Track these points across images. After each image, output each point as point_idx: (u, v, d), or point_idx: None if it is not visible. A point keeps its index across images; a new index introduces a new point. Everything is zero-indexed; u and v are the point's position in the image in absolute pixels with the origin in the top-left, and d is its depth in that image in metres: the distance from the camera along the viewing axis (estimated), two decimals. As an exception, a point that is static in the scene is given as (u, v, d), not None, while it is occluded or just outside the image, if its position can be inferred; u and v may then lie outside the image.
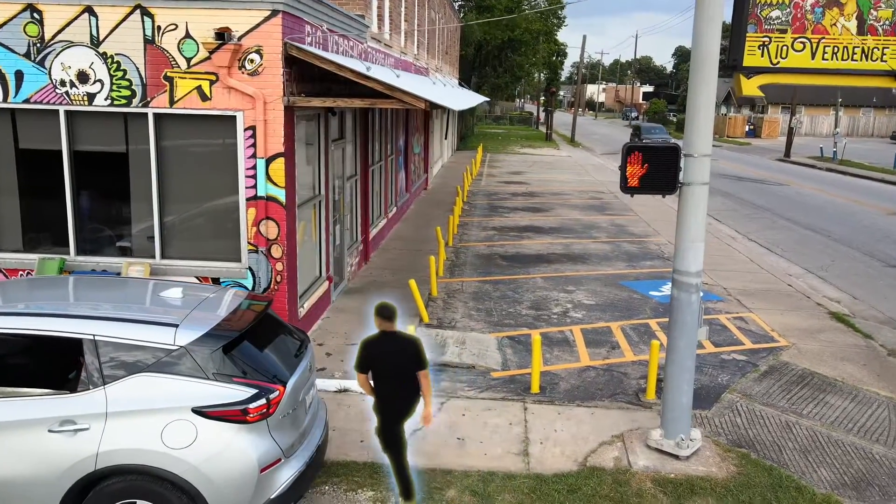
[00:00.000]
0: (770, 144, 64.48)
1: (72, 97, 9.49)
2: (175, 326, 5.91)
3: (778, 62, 8.94)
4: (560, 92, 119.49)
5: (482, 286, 14.92)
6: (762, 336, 12.28)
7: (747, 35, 8.89)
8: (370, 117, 15.67)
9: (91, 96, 9.48)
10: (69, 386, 6.02)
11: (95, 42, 9.37)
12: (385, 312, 6.79)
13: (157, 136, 9.63)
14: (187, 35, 9.26)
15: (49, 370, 6.42)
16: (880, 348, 11.88)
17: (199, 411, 5.65)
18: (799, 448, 8.47)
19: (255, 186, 9.59)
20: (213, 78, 9.33)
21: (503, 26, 52.24)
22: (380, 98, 9.53)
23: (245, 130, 9.48)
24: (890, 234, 22.22)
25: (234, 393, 5.75)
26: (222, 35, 9.10)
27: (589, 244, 19.52)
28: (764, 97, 78.58)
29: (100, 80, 9.43)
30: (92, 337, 5.76)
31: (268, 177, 9.56)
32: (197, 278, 9.73)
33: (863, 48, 9.01)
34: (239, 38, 9.20)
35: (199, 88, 9.38)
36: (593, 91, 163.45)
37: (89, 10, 9.30)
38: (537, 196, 28.56)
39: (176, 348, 5.77)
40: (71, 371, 6.15)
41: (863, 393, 10.05)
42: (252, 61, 9.29)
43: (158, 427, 5.59)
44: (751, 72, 8.99)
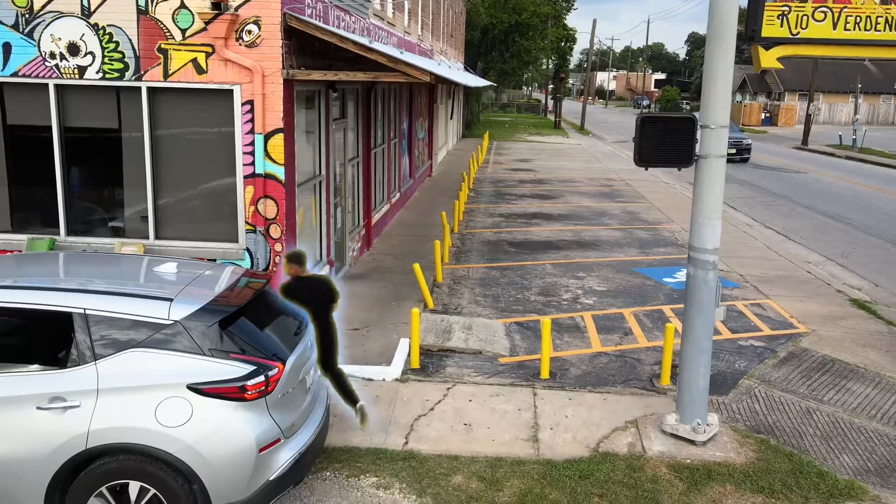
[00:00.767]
0: (787, 132, 64.23)
1: (62, 70, 9.43)
2: (169, 300, 5.85)
3: (798, 32, 8.82)
4: (569, 80, 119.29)
5: (489, 272, 14.84)
6: (781, 322, 12.19)
7: (766, 4, 8.78)
8: (372, 98, 15.57)
9: (82, 69, 9.41)
10: (59, 362, 5.95)
11: (86, 12, 9.30)
12: (296, 258, 7.71)
13: (151, 111, 9.56)
14: (182, 5, 9.18)
15: (37, 345, 6.36)
16: (904, 335, 11.79)
17: (195, 388, 5.58)
18: (820, 434, 8.39)
19: (253, 164, 9.52)
20: (210, 50, 9.26)
21: (510, 9, 52.08)
22: (383, 71, 9.44)
23: (242, 105, 9.40)
24: (913, 222, 22.09)
25: (232, 369, 5.68)
26: (219, 5, 9.02)
27: (600, 231, 19.42)
28: (779, 83, 78.31)
29: (91, 53, 9.36)
30: (83, 311, 5.70)
31: (266, 153, 9.49)
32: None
33: (886, 18, 8.89)
34: (236, 8, 9.12)
35: (195, 61, 9.30)
36: (603, 79, 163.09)
37: (80, -20, 9.24)
38: (546, 183, 28.47)
39: (170, 323, 5.70)
40: (61, 346, 6.08)
41: (885, 380, 9.96)
42: (250, 32, 9.21)
43: (152, 404, 5.52)
44: (770, 43, 8.87)
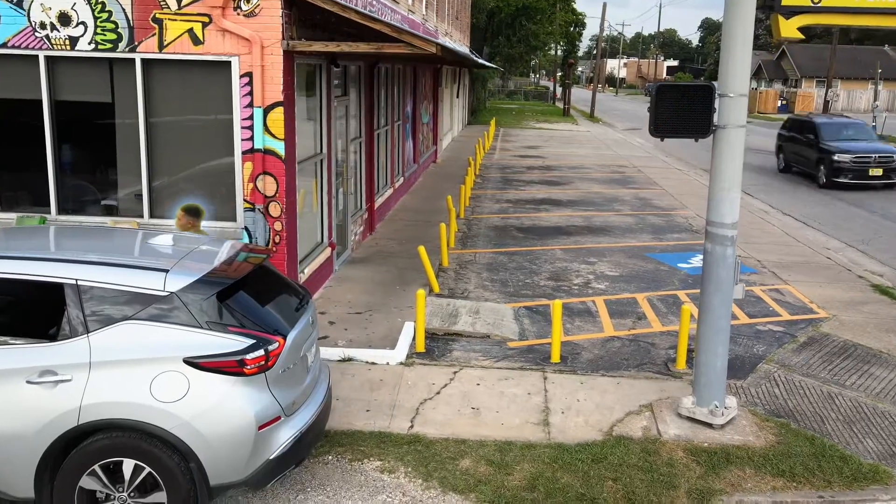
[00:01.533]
0: (804, 120, 63.81)
1: (53, 41, 9.35)
2: (165, 272, 5.78)
3: (820, 0, 8.68)
4: (578, 67, 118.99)
5: (496, 257, 14.77)
6: (800, 307, 12.10)
7: (787, -30, 8.64)
8: (376, 77, 15.49)
9: (73, 40, 9.33)
10: (49, 334, 5.90)
11: (78, -19, 9.22)
12: (193, 211, 7.96)
13: (146, 84, 9.48)
14: (178, -28, 9.10)
15: (27, 317, 6.30)
16: (929, 320, 11.69)
17: (192, 362, 5.51)
18: (842, 419, 8.30)
19: (252, 139, 9.44)
20: (206, 20, 9.17)
21: (517, -9, 51.93)
22: (387, 42, 9.35)
23: (241, 77, 9.32)
24: (936, 208, 21.94)
25: (230, 343, 5.61)
26: (216, -28, 8.93)
27: (611, 217, 19.33)
28: (796, 69, 78.00)
29: (83, 23, 9.28)
30: (74, 281, 5.63)
31: (265, 128, 9.41)
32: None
33: (915, -16, 8.74)
34: (234, -24, 9.03)
35: (191, 31, 9.22)
36: (613, 66, 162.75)
37: (71, -53, 9.16)
38: (554, 170, 28.37)
39: (166, 294, 5.63)
40: (52, 318, 6.03)
41: (911, 364, 9.86)
42: (248, 1, 9.14)
43: (147, 378, 5.45)
44: (790, 11, 8.72)
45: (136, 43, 9.31)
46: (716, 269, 7.67)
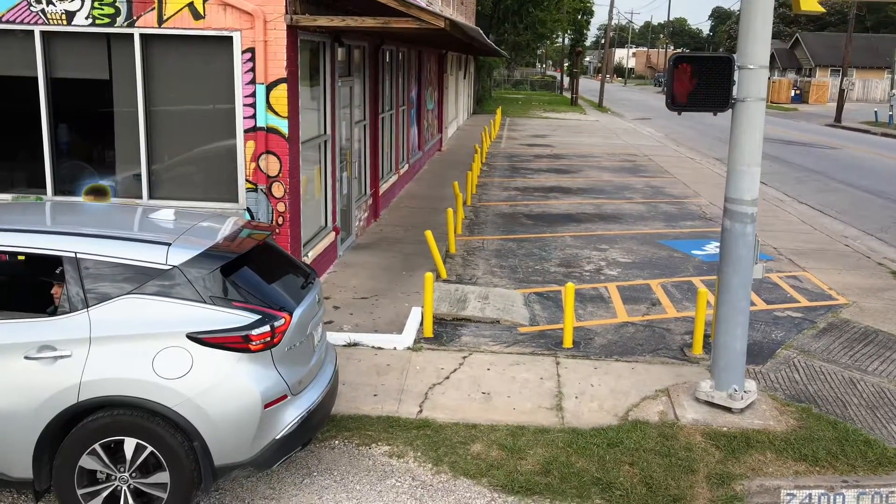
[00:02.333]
0: (818, 110, 63.82)
1: (48, 16, 9.28)
2: (167, 245, 5.72)
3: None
4: (586, 57, 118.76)
5: (505, 244, 14.70)
6: (818, 294, 12.02)
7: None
8: (380, 59, 15.42)
9: (70, 15, 9.26)
10: (48, 309, 5.84)
11: (75, -47, 9.15)
12: (98, 191, 8.13)
13: (145, 60, 9.42)
14: (177, -56, 9.02)
15: (25, 291, 6.25)
16: (952, 307, 11.60)
17: (195, 338, 5.44)
18: (865, 404, 8.23)
19: (255, 116, 9.37)
20: (207, -7, 9.10)
21: (523, -23, 51.76)
22: (394, 17, 9.27)
23: (243, 53, 9.26)
24: (957, 196, 21.84)
25: (235, 318, 5.54)
26: (217, -57, 8.86)
27: (622, 204, 19.26)
28: (810, 58, 77.72)
29: (80, -3, 9.21)
30: (73, 254, 5.56)
31: (268, 105, 9.34)
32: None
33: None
34: (235, -52, 8.96)
35: (192, 5, 9.15)
36: (622, 56, 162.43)
37: (68, -82, 9.08)
38: (563, 158, 28.29)
39: (168, 268, 5.57)
40: (50, 292, 5.97)
41: (935, 350, 9.78)
42: (250, -26, 9.04)
43: (149, 354, 5.39)
44: (812, -16, 8.64)
45: (135, 17, 9.24)
46: (735, 248, 7.59)
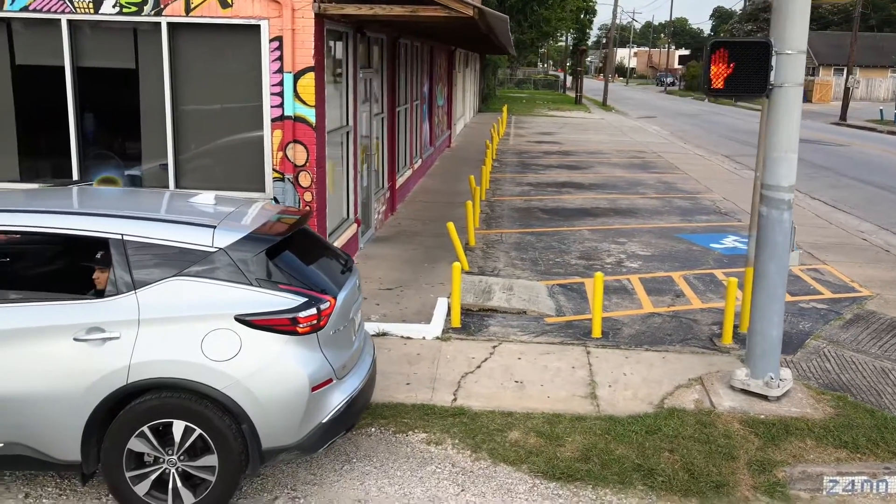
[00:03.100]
0: (822, 109, 63.81)
1: (75, 5, 9.26)
2: (212, 227, 5.70)
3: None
4: (588, 56, 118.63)
5: (523, 237, 14.70)
6: (842, 286, 12.01)
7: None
8: (397, 51, 15.40)
9: (97, 3, 9.24)
10: (95, 291, 5.82)
11: (102, -58, 9.14)
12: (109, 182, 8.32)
13: (172, 50, 9.39)
14: (206, -68, 9.00)
15: (72, 273, 6.24)
16: (977, 298, 11.59)
17: (243, 320, 5.42)
18: (900, 393, 8.21)
19: (282, 105, 9.35)
20: (235, -19, 9.08)
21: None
22: (422, 5, 9.25)
23: (270, 42, 9.23)
24: (971, 191, 21.84)
25: (282, 300, 5.52)
26: (245, -69, 8.84)
27: (636, 199, 19.25)
28: (813, 57, 77.73)
29: (107, -15, 9.19)
30: (120, 237, 5.55)
31: (296, 94, 9.32)
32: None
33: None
34: (264, -64, 8.94)
35: (219, -7, 9.13)
36: (623, 56, 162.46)
37: None
38: (572, 154, 28.28)
39: (214, 250, 5.55)
40: (97, 274, 5.95)
41: (964, 340, 9.77)
42: (279, -38, 9.02)
43: (198, 336, 5.37)
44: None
45: (162, 6, 9.22)
46: (772, 235, 7.58)
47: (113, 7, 9.27)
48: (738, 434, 7.17)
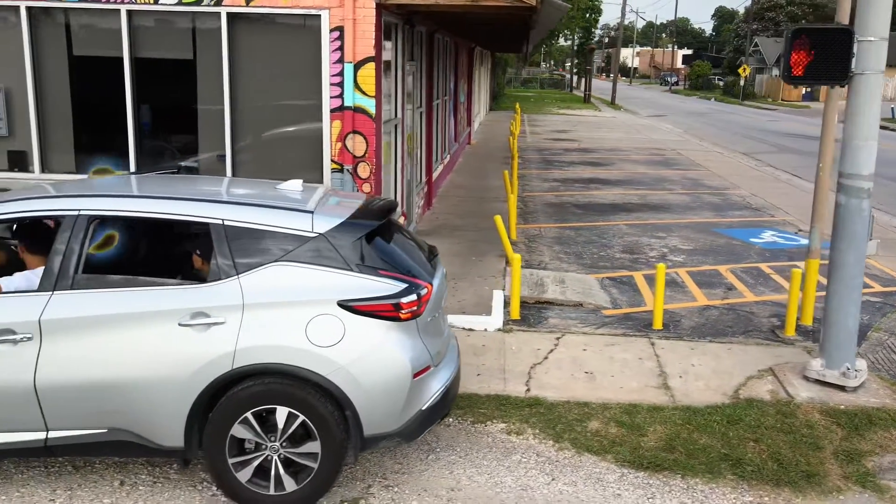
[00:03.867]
0: (831, 107, 63.58)
1: (135, -6, 9.21)
2: (310, 213, 5.64)
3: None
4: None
5: (562, 232, 14.65)
6: (890, 280, 11.97)
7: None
8: (434, 45, 15.36)
9: (157, -7, 9.18)
10: (198, 276, 5.77)
11: (162, -69, 9.08)
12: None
13: (231, 40, 9.34)
14: (266, -79, 8.95)
15: (173, 258, 6.18)
16: None
17: (346, 305, 5.36)
18: (972, 384, 8.16)
19: (342, 96, 9.30)
20: (296, -29, 9.02)
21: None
22: (482, -6, 9.19)
23: (331, 32, 9.18)
24: None
25: (383, 286, 5.46)
26: (308, -80, 8.78)
27: (666, 195, 19.20)
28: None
29: (167, -25, 9.14)
30: (221, 221, 5.49)
31: (356, 85, 9.26)
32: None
33: None
34: (326, -75, 8.88)
35: (280, -17, 9.07)
36: (626, 55, 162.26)
37: None
38: (592, 152, 28.24)
39: (314, 235, 5.49)
40: (198, 259, 5.90)
41: None
42: (341, -49, 8.97)
43: (302, 322, 5.31)
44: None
45: (222, -4, 9.16)
46: (850, 224, 7.52)
47: (173, -4, 9.20)
48: (821, 424, 7.12)
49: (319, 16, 9.19)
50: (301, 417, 5.37)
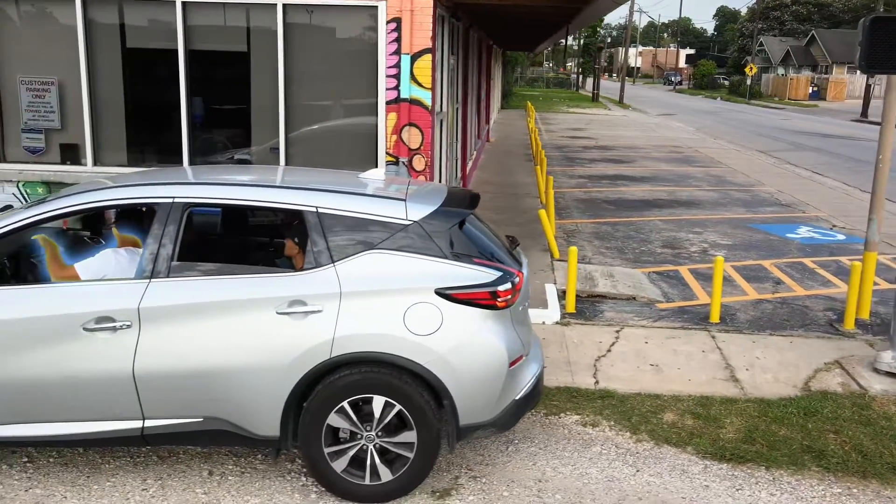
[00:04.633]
0: (839, 106, 63.72)
1: (192, -15, 9.13)
2: (403, 200, 5.57)
3: None
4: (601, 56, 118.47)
5: (599, 227, 14.59)
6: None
7: None
8: (469, 40, 15.29)
9: (214, -16, 9.11)
10: (293, 264, 5.70)
11: (217, -79, 9.01)
12: None
13: (286, 31, 9.26)
14: (321, -89, 8.88)
15: (269, 246, 6.12)
16: None
17: (444, 293, 5.29)
18: None
19: (398, 88, 9.22)
20: (353, -38, 8.95)
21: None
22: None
23: (388, 23, 9.10)
24: None
25: (479, 274, 5.40)
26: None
27: (694, 191, 19.14)
28: (826, 55, 77.71)
29: (223, -34, 9.07)
30: (315, 209, 5.42)
31: (412, 76, 9.19)
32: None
33: None
34: (383, -85, 8.81)
35: (338, -26, 9.00)
36: (629, 55, 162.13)
37: None
38: (611, 149, 28.17)
39: (409, 223, 5.42)
40: (294, 247, 5.83)
41: None
42: (399, -58, 8.90)
43: (400, 310, 5.23)
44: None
45: (279, -13, 9.09)
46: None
47: (228, -12, 9.13)
48: (898, 416, 7.05)
49: (377, 7, 9.12)
50: (397, 407, 5.30)
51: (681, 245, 13.32)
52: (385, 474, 5.41)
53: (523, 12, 12.84)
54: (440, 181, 11.82)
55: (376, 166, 9.41)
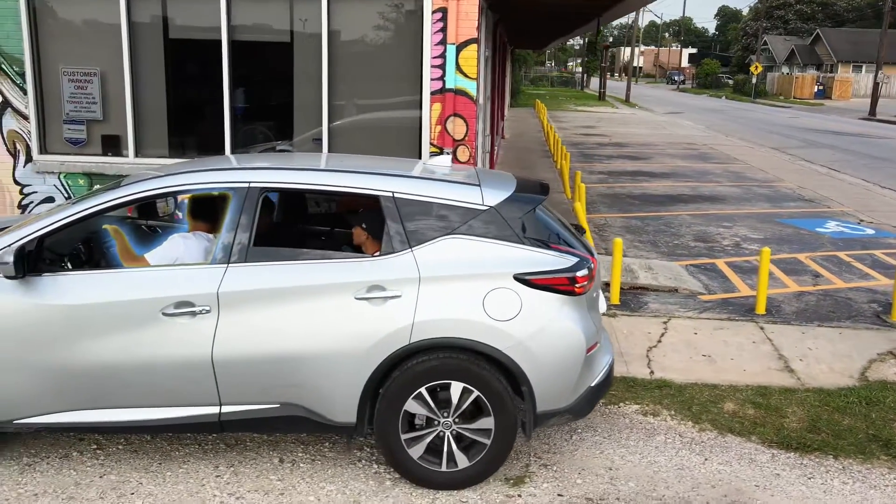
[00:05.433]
0: (845, 105, 63.65)
1: (236, -24, 9.07)
2: (478, 186, 5.51)
3: None
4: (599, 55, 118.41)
5: (629, 221, 14.53)
6: None
7: None
8: (497, 34, 15.23)
9: (258, -26, 9.05)
10: (364, 249, 5.64)
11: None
12: None
13: (330, 21, 9.19)
14: None
15: (341, 231, 6.05)
16: None
17: (522, 279, 5.23)
18: None
19: (443, 78, 9.16)
20: (400, -48, 8.89)
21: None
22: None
23: (433, 13, 9.04)
24: None
25: (556, 260, 5.33)
26: None
27: (715, 187, 19.08)
28: (831, 54, 77.63)
29: (268, -44, 9.00)
30: (391, 194, 5.35)
31: (458, 67, 9.13)
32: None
33: None
34: None
35: (383, -35, 8.93)
36: (634, 54, 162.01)
37: None
38: (627, 146, 28.12)
39: (485, 208, 5.36)
40: (370, 233, 5.77)
41: None
42: (445, -69, 8.84)
43: (479, 295, 5.17)
44: None
45: (323, -23, 9.02)
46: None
47: (273, -22, 9.06)
48: (960, 405, 6.98)
49: (422, -3, 9.05)
50: (475, 393, 5.23)
51: (713, 239, 13.26)
52: (462, 461, 5.35)
53: (558, 2, 12.77)
54: (476, 174, 11.74)
55: (420, 157, 9.34)
